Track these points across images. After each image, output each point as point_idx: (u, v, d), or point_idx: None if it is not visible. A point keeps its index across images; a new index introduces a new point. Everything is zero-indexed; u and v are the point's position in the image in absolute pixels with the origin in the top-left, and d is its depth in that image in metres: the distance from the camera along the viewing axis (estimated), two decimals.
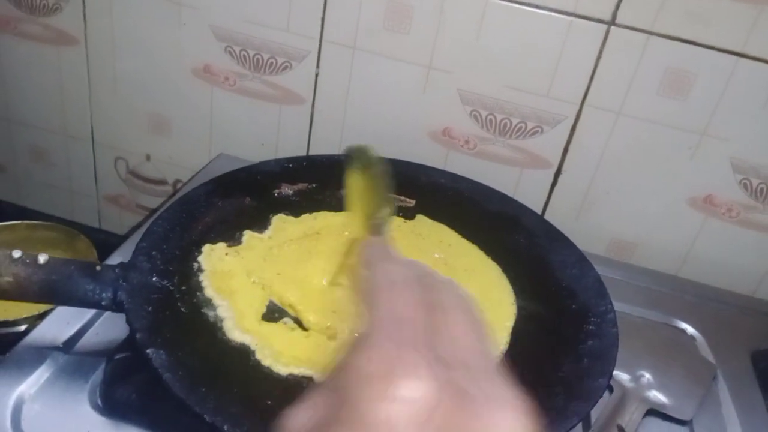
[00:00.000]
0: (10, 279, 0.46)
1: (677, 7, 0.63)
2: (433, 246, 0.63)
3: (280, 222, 0.63)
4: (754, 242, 0.72)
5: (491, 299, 0.59)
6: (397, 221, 0.66)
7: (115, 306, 0.47)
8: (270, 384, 0.47)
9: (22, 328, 0.71)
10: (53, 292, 0.47)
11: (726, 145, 0.68)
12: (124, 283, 0.48)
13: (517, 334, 0.56)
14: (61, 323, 0.54)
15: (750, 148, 0.68)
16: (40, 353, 0.51)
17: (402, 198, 0.69)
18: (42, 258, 0.48)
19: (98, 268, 0.49)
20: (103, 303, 0.48)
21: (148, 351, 0.43)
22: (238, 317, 0.50)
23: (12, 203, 0.96)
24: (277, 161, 0.68)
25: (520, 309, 0.58)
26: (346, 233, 0.63)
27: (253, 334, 0.50)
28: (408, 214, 0.67)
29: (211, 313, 0.51)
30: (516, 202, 0.69)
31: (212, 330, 0.50)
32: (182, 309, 0.50)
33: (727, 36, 0.63)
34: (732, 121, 0.67)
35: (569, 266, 0.61)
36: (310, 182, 0.67)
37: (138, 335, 0.45)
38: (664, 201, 0.72)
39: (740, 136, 0.67)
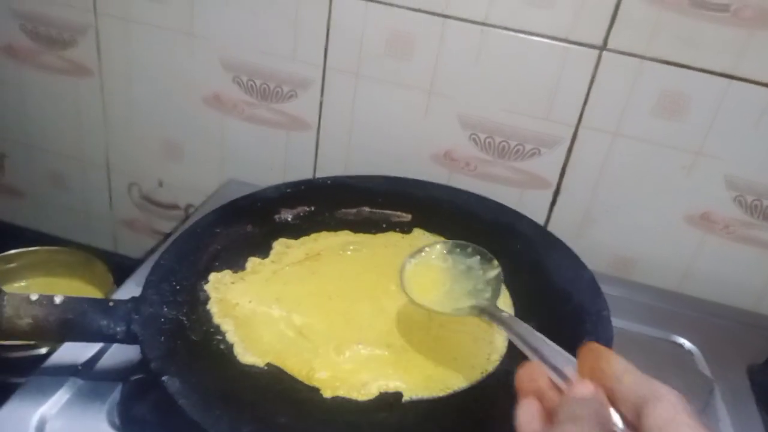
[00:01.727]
0: (30, 320, 0.49)
1: (668, 32, 0.65)
2: None
3: (281, 246, 0.65)
4: (752, 258, 0.74)
5: None
6: (396, 236, 0.69)
7: (129, 338, 0.50)
8: (281, 403, 0.49)
9: (44, 350, 0.74)
10: (70, 330, 0.50)
11: (720, 164, 0.70)
12: (137, 316, 0.51)
13: (512, 350, 0.57)
14: (80, 347, 0.56)
15: (743, 166, 0.69)
16: (61, 375, 0.54)
17: (398, 213, 0.71)
18: (57, 298, 0.50)
19: (111, 303, 0.52)
20: (117, 337, 0.50)
21: (163, 378, 0.46)
22: (246, 342, 0.53)
23: (30, 228, 1.00)
24: (277, 187, 0.71)
25: (517, 311, 0.60)
26: (348, 252, 0.66)
27: (262, 356, 0.52)
28: (405, 228, 0.70)
29: (220, 339, 0.53)
30: (510, 209, 0.71)
31: (223, 355, 0.52)
32: (193, 337, 0.53)
33: (718, 59, 0.65)
34: (725, 141, 0.68)
35: (564, 269, 0.63)
36: (308, 205, 0.70)
37: (153, 364, 0.47)
38: (661, 218, 0.74)
39: (734, 154, 0.69)
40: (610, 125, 0.71)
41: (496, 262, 0.54)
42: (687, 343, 0.67)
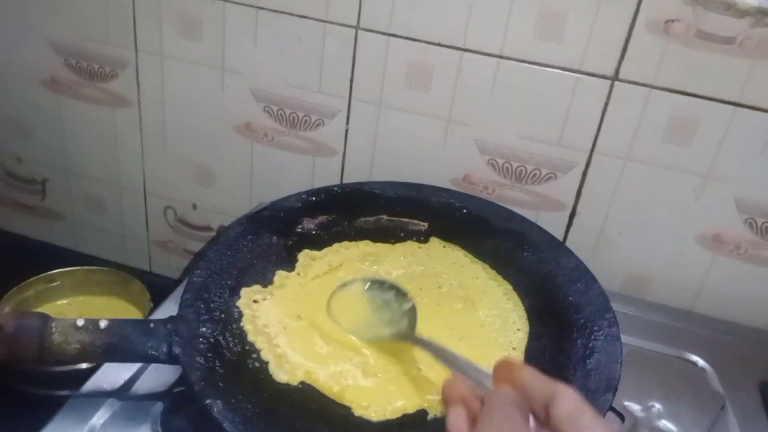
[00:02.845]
0: (78, 346, 0.52)
1: (676, 62, 0.68)
2: (446, 269, 0.68)
3: (306, 258, 0.68)
4: (763, 277, 0.76)
5: (504, 318, 0.64)
6: (413, 246, 0.72)
7: (171, 359, 0.53)
8: (315, 420, 0.52)
9: (83, 366, 0.78)
10: (115, 353, 0.53)
11: (730, 187, 0.72)
12: (176, 337, 0.54)
13: (529, 350, 0.60)
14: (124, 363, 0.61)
15: (753, 189, 0.72)
16: (107, 389, 0.58)
17: (415, 221, 0.74)
18: (102, 323, 0.53)
19: (151, 325, 0.55)
20: (160, 358, 0.53)
21: (207, 402, 0.49)
22: (278, 360, 0.56)
23: (70, 249, 1.05)
24: (297, 196, 0.73)
25: (531, 325, 0.63)
26: (366, 264, 0.69)
27: (294, 375, 0.55)
28: (421, 237, 0.72)
29: (255, 358, 0.57)
30: (523, 218, 0.74)
31: (258, 374, 0.56)
32: (229, 356, 0.56)
33: (724, 87, 0.68)
34: (734, 165, 0.71)
35: (575, 281, 0.65)
36: (329, 214, 0.73)
37: (195, 388, 0.51)
38: (674, 239, 0.77)
39: (743, 177, 0.72)
40: (623, 150, 0.74)
41: (409, 296, 0.60)
42: (700, 361, 0.69)
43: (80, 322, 0.53)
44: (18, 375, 0.79)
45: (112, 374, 0.60)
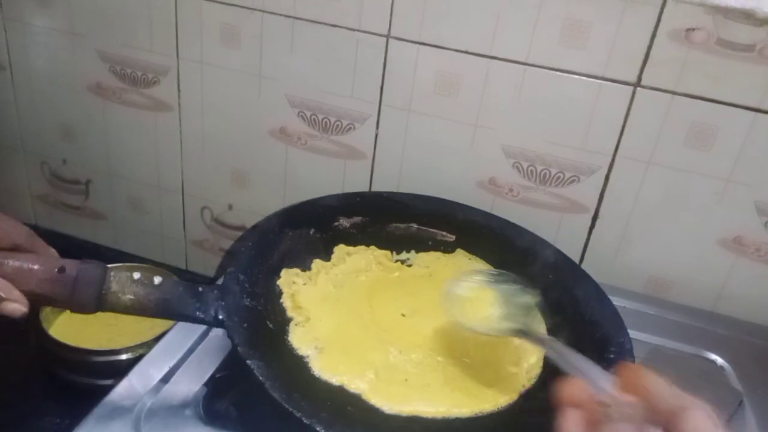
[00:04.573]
0: (132, 297, 0.55)
1: (697, 69, 0.70)
2: None
3: (341, 252, 0.73)
4: None
5: None
6: (440, 256, 0.76)
7: (216, 323, 0.56)
8: (347, 393, 0.56)
9: (123, 357, 0.82)
10: (166, 308, 0.56)
11: (750, 191, 0.74)
12: (222, 303, 0.57)
13: (547, 364, 0.63)
14: (169, 350, 0.65)
15: None
16: (154, 375, 0.62)
17: (443, 233, 0.78)
18: (157, 279, 0.56)
19: (200, 289, 0.58)
20: (206, 320, 0.56)
21: (249, 362, 0.52)
22: (315, 335, 0.60)
23: (111, 248, 1.10)
24: (335, 196, 0.78)
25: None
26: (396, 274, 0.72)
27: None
28: (448, 248, 0.77)
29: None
30: (543, 240, 0.76)
31: None
32: (270, 326, 0.60)
33: (744, 94, 0.70)
34: (754, 169, 0.73)
35: (592, 299, 0.68)
36: (363, 216, 0.77)
37: (239, 348, 0.54)
38: (695, 242, 0.79)
39: (763, 181, 0.73)
40: (645, 155, 0.76)
41: (533, 291, 0.61)
42: (719, 359, 0.71)
43: (136, 275, 0.56)
44: (64, 364, 0.83)
45: (157, 361, 0.64)
